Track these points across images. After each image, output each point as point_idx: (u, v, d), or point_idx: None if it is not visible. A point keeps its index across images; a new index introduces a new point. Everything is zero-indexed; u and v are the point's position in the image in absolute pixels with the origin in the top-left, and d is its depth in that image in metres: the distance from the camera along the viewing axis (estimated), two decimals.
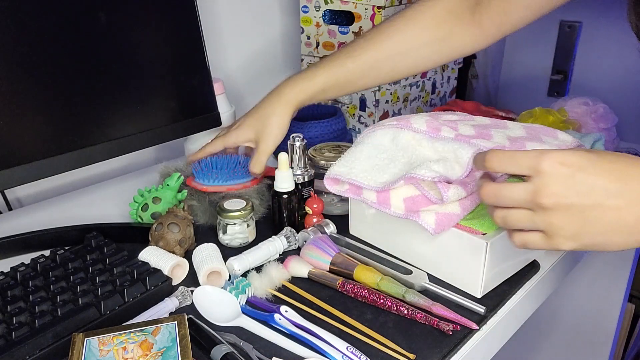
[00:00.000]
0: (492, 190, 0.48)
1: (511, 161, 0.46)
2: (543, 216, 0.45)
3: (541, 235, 0.47)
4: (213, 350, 0.52)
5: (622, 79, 1.18)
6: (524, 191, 0.46)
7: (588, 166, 0.44)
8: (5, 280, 0.61)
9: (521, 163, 0.46)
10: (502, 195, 0.47)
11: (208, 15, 1.06)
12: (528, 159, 0.45)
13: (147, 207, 0.76)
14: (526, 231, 0.48)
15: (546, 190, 0.44)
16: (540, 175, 0.45)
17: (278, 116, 0.76)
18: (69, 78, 0.70)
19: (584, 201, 0.44)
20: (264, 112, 0.77)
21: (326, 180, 0.70)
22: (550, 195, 0.44)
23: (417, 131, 0.69)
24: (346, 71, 0.75)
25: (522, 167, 0.46)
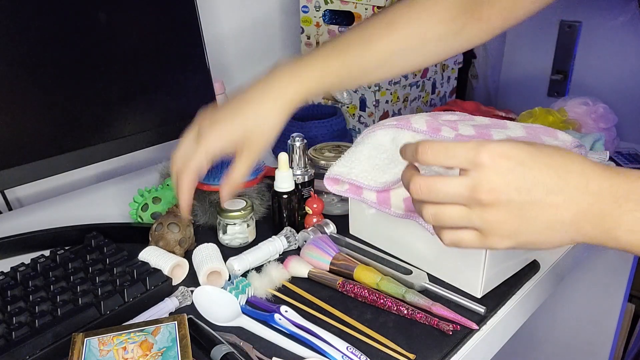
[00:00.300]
0: (424, 184, 0.44)
1: (447, 153, 0.43)
2: (480, 213, 0.42)
3: (475, 234, 0.44)
4: (213, 350, 0.52)
5: (622, 79, 1.18)
6: (461, 186, 0.42)
7: (528, 160, 0.41)
8: (5, 280, 0.61)
9: (458, 155, 0.42)
10: (435, 190, 0.43)
11: (208, 16, 1.06)
12: (465, 150, 0.42)
13: (147, 207, 0.76)
14: (458, 228, 0.44)
15: (485, 185, 0.41)
16: (478, 169, 0.41)
17: (273, 117, 0.62)
18: (69, 78, 0.70)
19: (523, 197, 0.41)
20: (254, 108, 0.61)
21: (326, 180, 0.70)
22: (490, 191, 0.41)
23: (417, 131, 0.69)
24: (362, 62, 0.65)
25: (459, 159, 0.42)
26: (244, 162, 0.62)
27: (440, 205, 0.44)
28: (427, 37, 0.67)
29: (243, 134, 0.61)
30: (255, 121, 0.61)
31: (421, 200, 0.45)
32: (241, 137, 0.61)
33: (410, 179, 0.45)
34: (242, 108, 0.61)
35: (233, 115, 0.61)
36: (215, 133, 0.61)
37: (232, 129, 0.61)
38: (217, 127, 0.61)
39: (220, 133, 0.61)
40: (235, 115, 0.61)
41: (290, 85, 0.62)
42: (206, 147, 0.60)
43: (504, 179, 0.41)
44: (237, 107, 0.62)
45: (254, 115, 0.61)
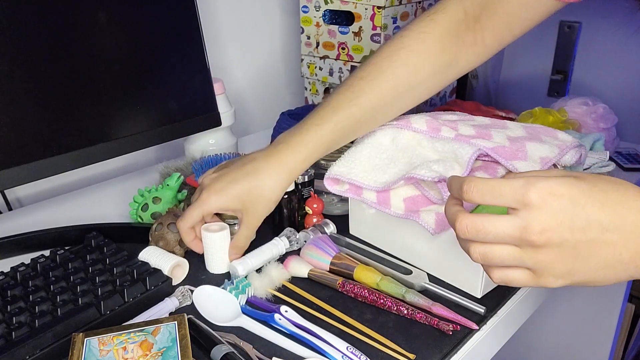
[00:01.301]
0: (471, 224, 0.42)
1: (493, 192, 0.41)
2: (532, 253, 0.41)
3: (527, 273, 0.42)
4: (213, 350, 0.52)
5: (622, 79, 1.18)
6: (511, 227, 0.40)
7: (580, 197, 0.40)
8: (5, 280, 0.61)
9: (505, 194, 0.41)
10: (483, 231, 0.41)
11: (208, 15, 1.06)
12: (513, 190, 0.40)
13: (147, 207, 0.76)
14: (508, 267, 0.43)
15: (536, 226, 0.39)
16: (528, 209, 0.40)
17: (274, 188, 0.64)
18: (69, 78, 0.70)
19: (577, 237, 0.39)
20: (256, 180, 0.63)
21: (326, 180, 0.70)
22: (541, 232, 0.39)
23: (417, 131, 0.69)
24: (353, 120, 0.66)
25: (507, 198, 0.41)
26: (247, 230, 0.65)
27: (489, 244, 0.42)
28: (418, 79, 0.67)
29: (243, 203, 0.64)
30: (257, 192, 0.63)
31: (468, 239, 0.43)
32: (242, 206, 0.64)
33: (456, 217, 0.43)
34: (244, 179, 0.64)
35: (235, 185, 0.64)
36: (215, 199, 0.64)
37: (233, 199, 0.64)
38: (219, 195, 0.64)
39: (220, 200, 0.64)
40: (237, 185, 0.63)
41: (289, 158, 0.64)
42: (202, 207, 0.64)
43: (555, 218, 0.39)
44: (239, 178, 0.64)
45: (255, 186, 0.63)
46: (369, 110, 0.65)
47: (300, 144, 0.64)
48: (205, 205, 0.64)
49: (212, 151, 0.91)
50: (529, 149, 0.64)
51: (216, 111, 0.87)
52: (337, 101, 0.65)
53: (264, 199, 0.64)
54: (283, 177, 0.64)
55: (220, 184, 0.64)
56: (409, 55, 0.65)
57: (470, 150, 0.62)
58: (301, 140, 0.64)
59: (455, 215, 0.43)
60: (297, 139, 0.64)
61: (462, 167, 0.62)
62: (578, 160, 0.68)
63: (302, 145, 0.64)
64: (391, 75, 0.65)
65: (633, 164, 1.00)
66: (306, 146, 0.64)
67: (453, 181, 0.45)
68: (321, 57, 1.11)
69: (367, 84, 0.65)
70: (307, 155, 0.64)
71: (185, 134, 0.87)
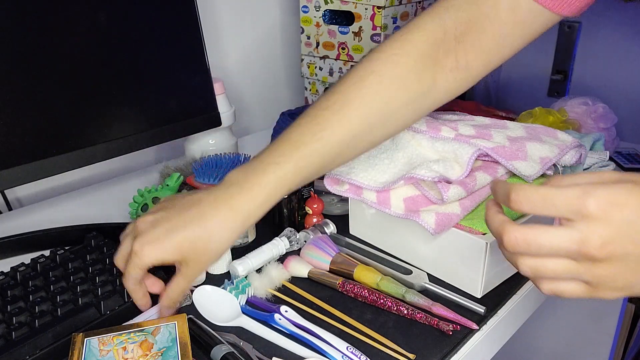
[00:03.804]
0: (521, 237, 0.38)
1: (545, 202, 0.37)
2: (590, 267, 0.37)
3: (582, 285, 0.39)
4: (213, 350, 0.52)
5: (622, 79, 1.18)
6: (567, 240, 0.37)
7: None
8: (5, 280, 0.61)
9: (559, 205, 0.37)
10: (536, 244, 0.38)
11: (208, 15, 1.06)
12: (568, 199, 0.37)
13: (147, 207, 0.76)
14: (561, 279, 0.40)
15: (596, 240, 0.36)
16: (586, 220, 0.36)
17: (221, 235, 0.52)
18: (69, 78, 0.70)
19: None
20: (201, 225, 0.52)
21: (326, 180, 0.70)
22: (602, 246, 0.36)
23: (417, 131, 0.69)
24: (317, 157, 0.55)
25: (561, 209, 0.37)
26: (184, 280, 0.54)
27: (541, 258, 0.39)
28: (390, 108, 0.58)
29: (185, 249, 0.52)
30: (201, 243, 0.52)
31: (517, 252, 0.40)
32: (183, 252, 0.52)
33: (503, 230, 0.39)
34: (185, 227, 0.52)
35: (174, 234, 0.52)
36: (149, 251, 0.51)
37: (172, 250, 0.52)
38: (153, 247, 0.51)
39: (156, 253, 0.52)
40: (180, 226, 0.52)
41: (243, 203, 0.53)
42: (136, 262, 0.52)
43: (617, 231, 0.36)
44: (179, 226, 0.52)
45: (200, 237, 0.52)
46: (336, 145, 0.56)
47: (256, 186, 0.53)
48: (138, 259, 0.52)
49: (212, 151, 0.91)
50: (529, 149, 0.65)
51: (216, 111, 0.87)
52: (299, 135, 0.56)
53: (210, 251, 0.53)
54: (234, 226, 0.52)
55: (156, 233, 0.52)
56: (379, 82, 0.57)
57: (470, 150, 0.63)
58: (257, 182, 0.53)
59: (502, 227, 0.40)
60: (253, 181, 0.53)
61: (462, 167, 0.62)
62: (578, 160, 0.68)
63: (258, 188, 0.53)
64: (359, 105, 0.57)
65: (633, 164, 1.00)
66: (263, 189, 0.53)
67: (498, 187, 0.41)
68: (321, 57, 1.11)
69: (333, 114, 0.56)
70: (265, 200, 0.53)
71: (185, 134, 0.87)
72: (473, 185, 0.62)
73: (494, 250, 0.59)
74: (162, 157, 1.02)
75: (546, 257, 0.38)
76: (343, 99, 0.57)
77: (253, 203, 0.53)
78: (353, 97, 0.57)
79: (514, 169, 0.63)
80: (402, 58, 0.57)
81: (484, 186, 0.63)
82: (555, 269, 0.38)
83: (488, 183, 0.64)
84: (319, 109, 0.57)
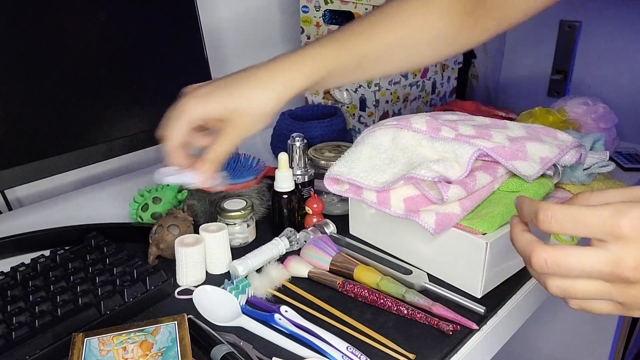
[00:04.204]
0: (550, 259, 0.37)
1: (576, 223, 0.36)
2: (623, 289, 0.36)
3: (613, 305, 0.38)
4: (213, 350, 0.52)
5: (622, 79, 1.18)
6: (600, 262, 0.35)
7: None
8: (5, 280, 0.61)
9: (591, 225, 0.36)
10: (566, 266, 0.36)
11: (208, 15, 1.06)
12: (600, 220, 0.35)
13: (147, 207, 0.76)
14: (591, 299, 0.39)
15: (631, 262, 0.35)
16: (619, 242, 0.35)
17: (265, 103, 0.56)
18: (69, 78, 0.70)
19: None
20: (246, 90, 0.56)
21: (326, 180, 0.70)
22: (637, 267, 0.35)
23: (417, 131, 0.69)
24: (361, 52, 0.61)
25: (593, 230, 0.36)
26: (225, 143, 0.56)
27: (571, 279, 0.37)
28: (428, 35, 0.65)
29: (229, 113, 0.55)
30: (245, 103, 0.55)
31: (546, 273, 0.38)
32: (226, 116, 0.55)
33: (532, 250, 0.38)
34: (232, 88, 0.56)
35: (222, 92, 0.56)
36: (195, 104, 0.55)
37: (218, 106, 0.55)
38: (199, 100, 0.55)
39: (202, 106, 0.55)
40: (225, 93, 0.55)
41: (288, 73, 0.57)
42: (183, 116, 0.55)
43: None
44: (227, 86, 0.56)
45: (245, 97, 0.55)
46: (379, 46, 0.62)
47: (302, 61, 0.58)
48: (185, 114, 0.55)
49: None
50: (529, 149, 0.65)
51: None
52: (346, 32, 0.62)
53: (251, 113, 0.56)
54: (274, 94, 0.56)
55: (203, 90, 0.56)
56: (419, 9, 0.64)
57: (470, 150, 0.63)
58: (304, 57, 0.58)
59: (530, 247, 0.38)
60: (301, 57, 0.58)
61: (462, 167, 0.62)
62: (578, 160, 0.68)
63: (303, 63, 0.58)
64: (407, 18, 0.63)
65: (633, 164, 1.00)
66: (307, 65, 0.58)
67: (525, 205, 0.39)
68: None
69: (380, 21, 0.63)
70: (307, 76, 0.58)
71: None
72: (473, 185, 0.62)
73: (494, 250, 0.59)
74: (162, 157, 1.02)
75: (577, 278, 0.37)
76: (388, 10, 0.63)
77: (294, 82, 0.57)
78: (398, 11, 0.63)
79: (514, 169, 0.63)
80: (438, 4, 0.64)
81: (484, 186, 0.63)
82: (587, 290, 0.37)
83: (488, 183, 0.64)
84: (371, 14, 0.64)
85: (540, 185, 0.65)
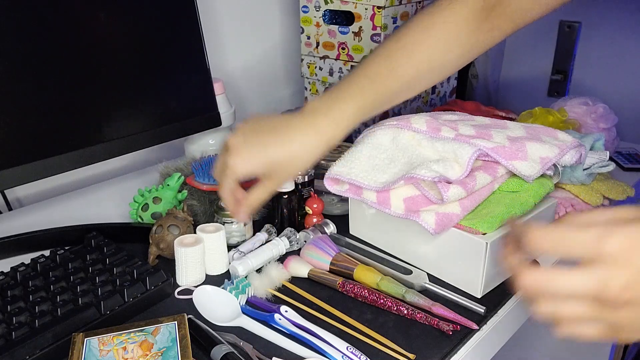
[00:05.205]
0: (539, 280, 0.37)
1: (563, 244, 0.36)
2: (612, 311, 0.36)
3: (602, 329, 0.38)
4: (213, 350, 0.52)
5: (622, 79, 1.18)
6: (587, 282, 0.35)
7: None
8: (5, 280, 0.61)
9: (578, 246, 0.36)
10: (554, 287, 0.37)
11: (208, 16, 1.06)
12: (587, 241, 0.36)
13: (147, 207, 0.76)
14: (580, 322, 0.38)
15: (618, 282, 0.35)
16: (607, 262, 0.35)
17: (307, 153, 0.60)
18: (69, 78, 0.70)
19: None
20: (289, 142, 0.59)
21: (326, 180, 0.70)
22: (625, 289, 0.35)
23: (417, 131, 0.69)
24: (390, 89, 0.64)
25: (580, 251, 0.36)
26: (267, 189, 0.61)
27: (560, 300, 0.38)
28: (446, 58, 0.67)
29: (272, 165, 0.59)
30: (289, 154, 0.59)
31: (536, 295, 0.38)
32: (270, 168, 0.59)
33: (521, 272, 0.38)
34: (277, 139, 0.59)
35: (267, 144, 0.59)
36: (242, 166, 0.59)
37: (263, 160, 0.59)
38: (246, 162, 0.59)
39: (248, 167, 0.59)
40: (269, 145, 0.59)
41: (326, 125, 0.60)
42: (232, 176, 0.59)
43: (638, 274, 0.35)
44: (271, 137, 0.59)
45: (288, 148, 0.59)
46: (405, 83, 0.65)
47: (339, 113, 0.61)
48: (232, 172, 0.59)
49: (212, 151, 0.91)
50: (529, 149, 0.65)
51: (216, 111, 0.87)
52: (376, 71, 0.64)
53: (293, 168, 0.61)
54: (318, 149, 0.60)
55: (247, 150, 0.59)
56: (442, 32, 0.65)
57: (470, 150, 0.62)
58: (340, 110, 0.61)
59: (519, 268, 0.39)
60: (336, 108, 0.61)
61: (462, 167, 0.62)
62: (578, 160, 0.68)
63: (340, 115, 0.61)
64: (427, 48, 0.65)
65: (633, 164, 1.00)
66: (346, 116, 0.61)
67: (515, 226, 0.40)
68: (321, 57, 1.11)
69: (404, 55, 0.64)
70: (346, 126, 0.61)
71: (185, 134, 0.87)
72: (473, 185, 0.62)
73: (494, 250, 0.59)
74: (162, 157, 1.02)
75: (566, 299, 0.37)
76: (413, 41, 0.65)
77: (337, 128, 0.60)
78: (421, 41, 0.65)
79: (514, 169, 0.63)
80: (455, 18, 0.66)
81: (484, 186, 0.63)
82: (575, 312, 0.37)
83: (488, 183, 0.64)
84: (392, 49, 0.65)
85: (540, 185, 0.65)
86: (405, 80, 0.65)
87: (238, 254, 0.68)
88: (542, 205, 0.66)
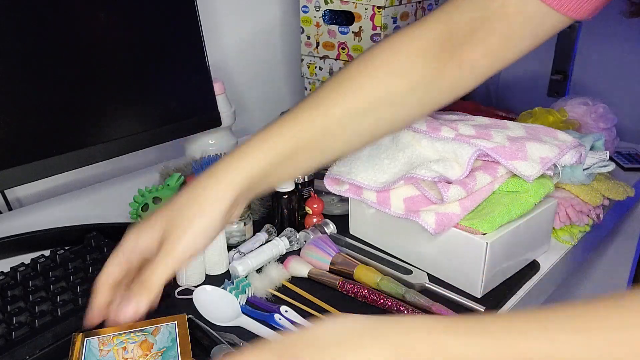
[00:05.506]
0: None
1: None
2: None
3: None
4: (213, 350, 0.52)
5: (622, 79, 1.18)
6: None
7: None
8: (5, 280, 0.61)
9: None
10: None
11: (208, 16, 1.06)
12: None
13: (147, 207, 0.76)
14: None
15: None
16: None
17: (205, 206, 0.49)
18: (69, 78, 0.70)
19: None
20: (185, 199, 0.50)
21: (326, 180, 0.70)
22: None
23: (417, 131, 0.69)
24: (316, 130, 0.53)
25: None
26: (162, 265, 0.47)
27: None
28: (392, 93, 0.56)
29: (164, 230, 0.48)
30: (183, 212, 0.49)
31: None
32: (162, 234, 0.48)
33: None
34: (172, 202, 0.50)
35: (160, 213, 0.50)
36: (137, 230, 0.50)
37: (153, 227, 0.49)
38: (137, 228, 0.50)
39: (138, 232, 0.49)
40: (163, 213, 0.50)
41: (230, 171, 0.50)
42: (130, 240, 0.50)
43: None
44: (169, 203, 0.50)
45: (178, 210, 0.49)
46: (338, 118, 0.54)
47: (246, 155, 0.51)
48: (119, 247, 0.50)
49: (212, 151, 0.91)
50: (529, 149, 0.65)
51: (216, 111, 0.87)
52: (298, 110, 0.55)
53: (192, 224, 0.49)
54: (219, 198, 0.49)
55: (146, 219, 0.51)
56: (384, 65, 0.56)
57: (470, 150, 0.63)
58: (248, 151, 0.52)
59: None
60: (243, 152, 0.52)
61: (462, 167, 0.62)
62: (578, 160, 0.68)
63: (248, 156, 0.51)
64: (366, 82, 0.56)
65: (633, 164, 1.00)
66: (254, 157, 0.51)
67: None
68: (321, 57, 1.11)
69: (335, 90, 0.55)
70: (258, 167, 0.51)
71: (185, 134, 0.87)
72: (473, 185, 0.62)
73: (494, 250, 0.59)
74: (162, 157, 1.02)
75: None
76: (342, 78, 0.56)
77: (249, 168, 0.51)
78: (354, 77, 0.56)
79: (514, 168, 0.63)
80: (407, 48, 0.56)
81: (484, 186, 0.63)
82: None
83: (488, 183, 0.64)
84: (325, 84, 0.57)
85: (540, 185, 0.65)
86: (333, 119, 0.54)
87: (238, 254, 0.68)
88: (542, 205, 0.66)
